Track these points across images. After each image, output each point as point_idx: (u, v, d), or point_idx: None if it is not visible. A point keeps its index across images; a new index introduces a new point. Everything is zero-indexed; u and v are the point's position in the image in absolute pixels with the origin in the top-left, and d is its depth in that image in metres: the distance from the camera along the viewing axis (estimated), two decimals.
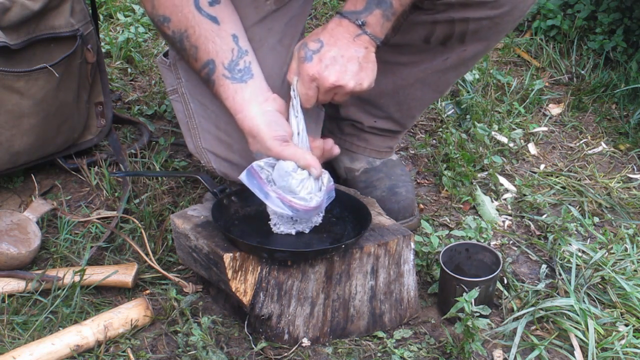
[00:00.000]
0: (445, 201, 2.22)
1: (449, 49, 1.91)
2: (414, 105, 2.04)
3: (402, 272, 1.72)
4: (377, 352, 1.68)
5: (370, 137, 2.09)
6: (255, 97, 1.63)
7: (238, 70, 1.63)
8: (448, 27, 1.86)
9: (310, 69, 1.61)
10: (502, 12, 1.83)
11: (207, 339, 1.64)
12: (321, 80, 1.61)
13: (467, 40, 1.89)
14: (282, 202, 1.59)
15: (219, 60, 1.63)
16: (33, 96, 1.98)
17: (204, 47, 1.63)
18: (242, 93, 1.63)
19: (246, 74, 1.64)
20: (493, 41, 1.95)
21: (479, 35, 1.88)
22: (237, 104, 1.63)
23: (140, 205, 2.05)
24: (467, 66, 2.01)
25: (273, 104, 1.65)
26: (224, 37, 1.63)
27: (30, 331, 1.66)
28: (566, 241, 2.00)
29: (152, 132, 2.40)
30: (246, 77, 1.64)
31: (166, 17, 1.64)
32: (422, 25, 1.88)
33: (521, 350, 1.69)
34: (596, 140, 2.61)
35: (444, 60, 1.94)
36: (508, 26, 1.91)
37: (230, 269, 1.59)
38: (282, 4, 1.73)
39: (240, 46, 1.65)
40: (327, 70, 1.60)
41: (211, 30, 1.63)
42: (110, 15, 3.15)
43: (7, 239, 1.83)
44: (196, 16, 1.62)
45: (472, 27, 1.85)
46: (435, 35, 1.88)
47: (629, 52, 3.04)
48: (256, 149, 1.63)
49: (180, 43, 1.65)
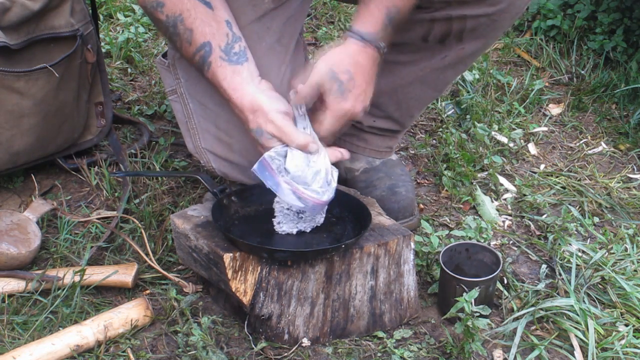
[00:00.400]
0: (445, 201, 2.22)
1: (447, 47, 1.92)
2: (413, 104, 2.04)
3: (402, 272, 1.72)
4: (377, 352, 1.68)
5: (369, 137, 2.09)
6: (252, 78, 1.65)
7: (234, 54, 1.64)
8: (446, 25, 1.87)
9: (345, 104, 1.63)
10: (499, 9, 1.84)
11: (207, 339, 1.64)
12: (353, 114, 1.64)
13: (465, 38, 1.89)
14: (293, 193, 1.59)
15: (216, 42, 1.64)
16: (33, 96, 1.98)
17: (200, 30, 1.64)
18: (239, 74, 1.64)
19: (242, 57, 1.65)
20: (491, 39, 1.95)
21: (477, 33, 1.88)
22: (236, 83, 1.64)
23: (140, 205, 2.05)
24: (465, 64, 2.01)
25: (267, 84, 1.66)
26: (219, 22, 1.65)
27: (30, 331, 1.66)
28: (566, 241, 2.00)
29: (152, 132, 2.40)
30: (242, 60, 1.65)
31: (159, 2, 1.65)
32: (420, 24, 1.88)
33: (521, 350, 1.69)
34: (596, 140, 2.61)
35: (443, 59, 1.94)
36: (506, 23, 1.91)
37: (230, 269, 1.59)
38: (280, 3, 1.73)
39: (234, 32, 1.66)
40: (358, 104, 1.64)
41: (206, 13, 1.64)
42: (110, 15, 3.15)
43: (7, 239, 1.83)
44: (191, 0, 1.63)
45: (470, 25, 1.86)
46: (433, 34, 1.89)
47: (629, 52, 3.04)
48: (257, 125, 1.62)
49: (174, 27, 1.66)
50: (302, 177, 1.59)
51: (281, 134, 1.60)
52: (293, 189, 1.59)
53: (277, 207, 1.67)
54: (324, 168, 1.62)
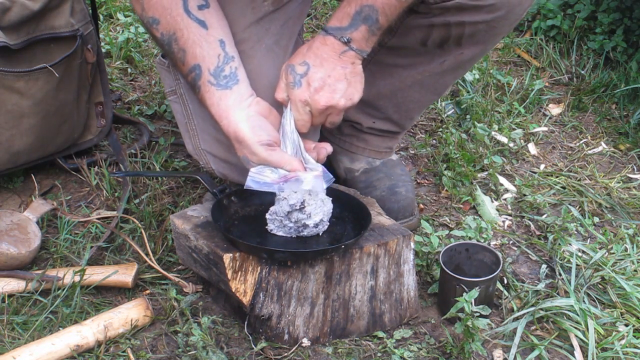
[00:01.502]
0: (445, 201, 2.22)
1: (446, 52, 1.92)
2: (412, 107, 2.04)
3: (402, 272, 1.72)
4: (377, 352, 1.68)
5: (369, 138, 2.10)
6: (239, 103, 1.64)
7: (223, 77, 1.64)
8: (444, 31, 1.87)
9: (300, 94, 1.62)
10: (498, 16, 1.84)
11: (207, 339, 1.64)
12: (313, 104, 1.63)
13: (464, 44, 1.89)
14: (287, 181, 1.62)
15: (205, 65, 1.63)
16: (33, 96, 1.98)
17: (191, 51, 1.63)
18: (226, 99, 1.63)
19: (231, 80, 1.64)
20: (490, 44, 1.95)
21: (476, 38, 1.88)
22: (222, 110, 1.64)
23: (140, 205, 2.05)
24: (464, 69, 2.01)
25: (256, 108, 1.65)
26: (211, 42, 1.64)
27: (30, 331, 1.66)
28: (566, 241, 2.00)
29: (152, 132, 2.40)
30: (231, 83, 1.64)
31: (155, 19, 1.65)
32: (418, 29, 1.88)
33: (521, 350, 1.69)
34: (596, 140, 2.61)
35: (441, 63, 1.94)
36: (504, 30, 1.91)
37: (230, 270, 1.59)
38: (279, 5, 1.73)
39: (227, 52, 1.65)
40: (317, 94, 1.62)
41: (199, 34, 1.63)
42: (110, 15, 3.15)
43: (7, 239, 1.83)
44: (185, 19, 1.63)
45: (469, 31, 1.86)
46: (432, 39, 1.89)
47: (629, 52, 3.04)
48: (243, 154, 1.64)
49: (168, 46, 1.66)
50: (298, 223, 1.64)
51: (266, 163, 1.63)
52: (285, 178, 1.62)
53: (269, 217, 1.67)
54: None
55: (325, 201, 1.66)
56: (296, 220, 1.63)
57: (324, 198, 1.65)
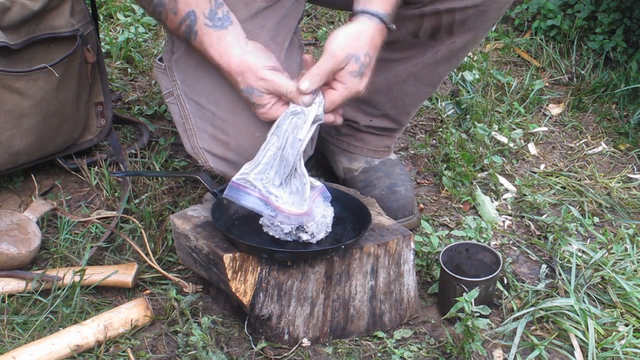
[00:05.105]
0: (445, 201, 2.22)
1: (438, 42, 1.94)
2: (408, 101, 2.06)
3: (402, 272, 1.72)
4: (377, 352, 1.68)
5: (367, 137, 2.10)
6: (237, 40, 1.65)
7: (218, 19, 1.66)
8: (435, 19, 1.89)
9: (358, 85, 1.64)
10: (487, 0, 1.85)
11: (207, 339, 1.64)
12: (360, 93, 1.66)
13: (455, 32, 1.91)
14: (266, 205, 1.61)
15: (200, 10, 1.65)
16: (33, 96, 1.98)
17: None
18: (225, 38, 1.65)
19: (226, 21, 1.66)
20: (481, 31, 1.97)
21: (467, 25, 1.90)
22: (222, 48, 1.65)
23: (140, 205, 2.05)
24: (458, 58, 2.03)
25: (254, 45, 1.67)
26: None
27: (30, 331, 1.66)
28: (566, 241, 2.00)
29: (152, 132, 2.40)
30: (226, 24, 1.66)
31: None
32: (410, 20, 1.91)
33: (521, 350, 1.69)
34: (596, 140, 2.61)
35: (435, 54, 1.96)
36: (494, 14, 1.93)
37: (230, 270, 1.59)
38: (272, 2, 1.74)
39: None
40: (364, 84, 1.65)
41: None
42: (110, 15, 3.15)
43: (7, 239, 1.83)
44: None
45: (459, 17, 1.88)
46: (424, 29, 1.91)
47: (629, 52, 3.04)
48: (246, 85, 1.64)
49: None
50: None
51: (272, 86, 1.62)
52: (265, 200, 1.61)
53: (264, 222, 1.67)
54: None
55: (327, 214, 1.65)
56: (298, 237, 1.63)
57: (324, 212, 1.65)
